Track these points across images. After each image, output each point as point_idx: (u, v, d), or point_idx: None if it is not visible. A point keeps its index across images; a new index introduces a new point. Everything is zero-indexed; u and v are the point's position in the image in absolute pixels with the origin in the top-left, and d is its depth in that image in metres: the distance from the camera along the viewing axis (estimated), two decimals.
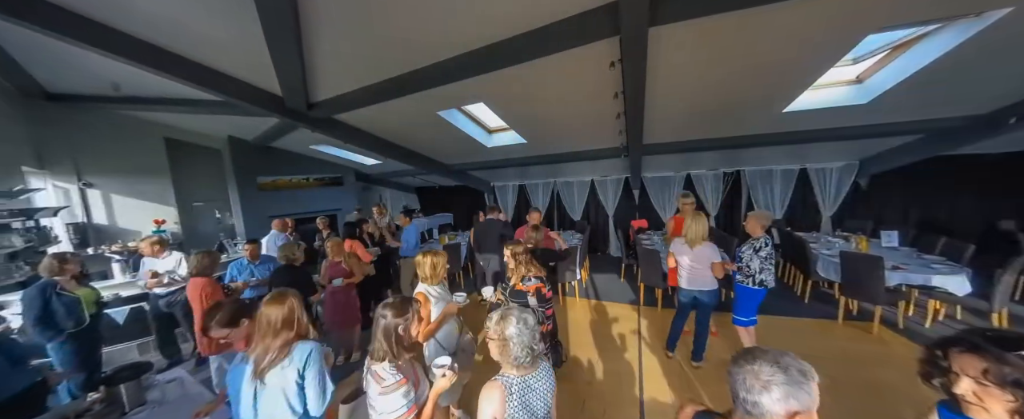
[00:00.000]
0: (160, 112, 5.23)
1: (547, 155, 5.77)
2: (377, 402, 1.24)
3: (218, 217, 6.67)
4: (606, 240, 7.28)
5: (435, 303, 2.01)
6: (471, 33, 2.54)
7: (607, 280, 5.46)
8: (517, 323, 1.22)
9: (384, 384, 1.23)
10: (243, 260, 3.48)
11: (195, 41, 2.84)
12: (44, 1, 2.32)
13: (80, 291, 2.64)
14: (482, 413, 1.19)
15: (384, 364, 1.27)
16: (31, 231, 4.01)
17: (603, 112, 3.77)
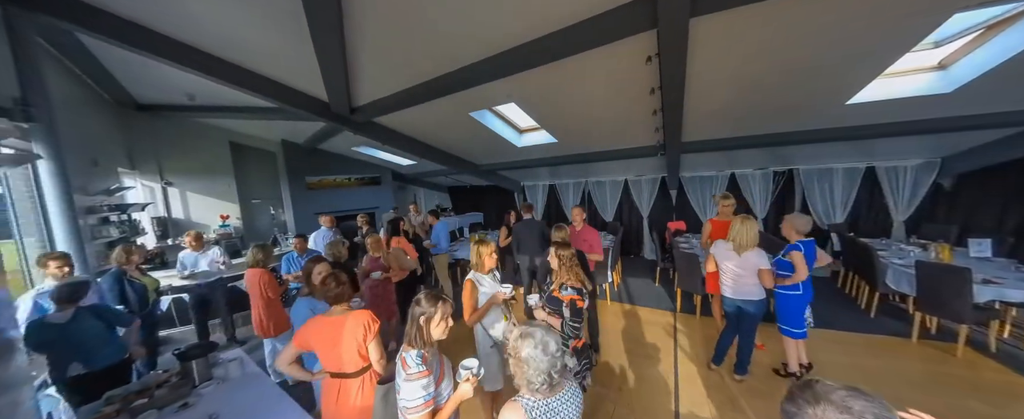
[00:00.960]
0: (226, 119, 5.88)
1: (578, 154, 5.67)
2: (401, 387, 1.29)
3: (272, 213, 7.31)
4: (640, 242, 7.01)
5: (482, 291, 2.09)
6: (505, 33, 2.56)
7: (641, 284, 5.26)
8: (535, 347, 1.13)
9: (408, 371, 1.27)
10: (293, 253, 3.79)
11: (255, 53, 3.15)
12: (137, 25, 2.69)
13: (145, 279, 3.02)
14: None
15: (413, 352, 1.31)
16: (124, 224, 4.65)
17: (638, 109, 3.63)
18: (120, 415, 1.74)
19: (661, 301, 4.55)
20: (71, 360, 2.03)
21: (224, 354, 2.26)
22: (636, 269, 6.06)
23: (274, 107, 4.31)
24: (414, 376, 1.26)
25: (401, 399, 1.28)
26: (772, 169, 5.64)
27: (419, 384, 1.26)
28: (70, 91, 4.09)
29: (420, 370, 1.27)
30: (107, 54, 3.88)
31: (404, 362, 1.30)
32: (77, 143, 3.74)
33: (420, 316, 1.35)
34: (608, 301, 4.59)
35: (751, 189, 5.79)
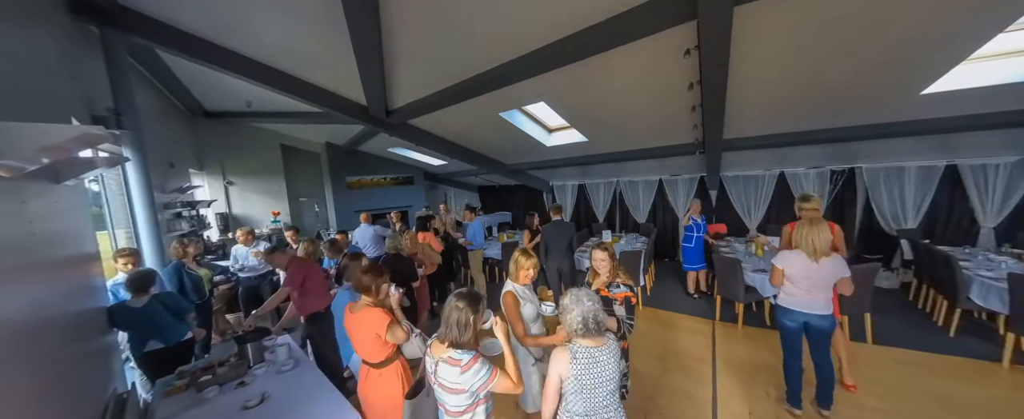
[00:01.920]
0: (278, 123, 6.42)
1: (610, 153, 5.52)
2: (460, 379, 1.30)
3: (317, 210, 7.86)
4: (675, 245, 6.67)
5: (523, 304, 1.99)
6: (535, 32, 2.55)
7: (676, 289, 5.00)
8: (572, 297, 1.43)
9: (462, 363, 1.30)
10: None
11: (303, 62, 3.41)
12: (205, 41, 3.01)
13: (201, 271, 3.34)
14: (550, 372, 1.39)
15: (453, 350, 1.34)
16: (193, 219, 5.22)
17: (675, 105, 3.46)
18: (189, 388, 1.95)
19: (698, 308, 4.30)
20: (148, 338, 2.32)
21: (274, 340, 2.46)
22: (671, 273, 5.78)
23: (319, 111, 4.63)
24: (469, 362, 1.30)
25: (466, 390, 1.31)
26: (829, 168, 5.13)
27: (478, 365, 1.31)
28: (151, 101, 4.66)
29: (471, 355, 1.32)
30: (181, 68, 4.38)
31: (452, 360, 1.32)
32: (157, 147, 4.24)
33: (468, 320, 1.36)
34: (640, 305, 4.42)
35: (803, 190, 5.31)
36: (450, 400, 1.35)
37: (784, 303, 2.31)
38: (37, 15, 1.92)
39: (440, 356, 1.36)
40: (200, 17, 2.81)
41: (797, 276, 2.22)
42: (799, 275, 2.21)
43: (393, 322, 1.77)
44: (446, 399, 1.36)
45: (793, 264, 2.23)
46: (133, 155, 3.02)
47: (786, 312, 2.30)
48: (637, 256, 4.28)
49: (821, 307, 2.21)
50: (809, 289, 2.20)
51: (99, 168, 2.39)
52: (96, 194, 3.21)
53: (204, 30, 2.94)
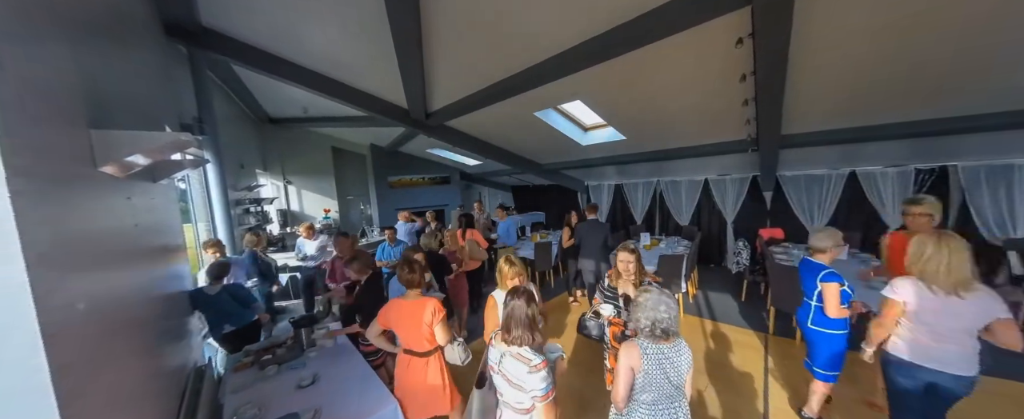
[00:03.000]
0: (329, 127, 6.96)
1: (650, 152, 5.28)
2: (525, 379, 1.34)
3: (362, 208, 8.40)
4: (722, 250, 6.21)
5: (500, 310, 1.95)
6: (574, 29, 2.51)
7: (723, 299, 4.66)
8: (653, 299, 1.46)
9: (532, 364, 1.34)
10: (385, 244, 4.35)
11: (352, 70, 3.67)
12: (270, 54, 3.35)
13: (268, 259, 3.69)
14: (621, 362, 1.43)
15: (525, 348, 1.39)
16: (258, 214, 5.84)
17: (724, 100, 3.22)
18: (253, 365, 2.19)
19: (749, 319, 3.96)
20: (221, 321, 2.63)
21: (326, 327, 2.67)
22: (717, 280, 5.39)
23: (365, 115, 4.94)
24: (538, 367, 1.34)
25: (528, 392, 1.35)
26: (913, 166, 4.46)
27: (543, 374, 1.34)
28: (226, 109, 5.27)
29: (541, 360, 1.36)
30: (250, 79, 4.91)
31: (522, 357, 1.38)
32: (230, 150, 4.79)
33: (534, 315, 1.43)
34: (682, 313, 4.18)
35: (879, 191, 4.67)
36: (512, 395, 1.38)
37: (902, 354, 1.62)
38: (142, 38, 2.26)
39: (506, 350, 1.40)
40: (267, 33, 3.14)
41: (924, 316, 1.55)
42: (927, 315, 1.54)
43: (446, 318, 1.86)
44: (508, 393, 1.40)
45: (918, 298, 1.55)
46: (212, 157, 3.44)
47: (905, 368, 1.60)
48: (678, 261, 4.05)
49: (962, 364, 1.52)
50: (942, 336, 1.53)
51: (186, 169, 2.75)
52: (182, 192, 3.70)
53: (270, 44, 3.28)
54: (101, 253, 1.14)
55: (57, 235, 0.87)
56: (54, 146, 0.94)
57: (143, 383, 1.31)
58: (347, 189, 8.30)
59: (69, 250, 0.93)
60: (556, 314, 4.33)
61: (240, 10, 2.87)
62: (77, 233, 0.99)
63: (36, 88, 0.89)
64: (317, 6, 2.65)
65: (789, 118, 3.38)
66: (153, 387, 1.41)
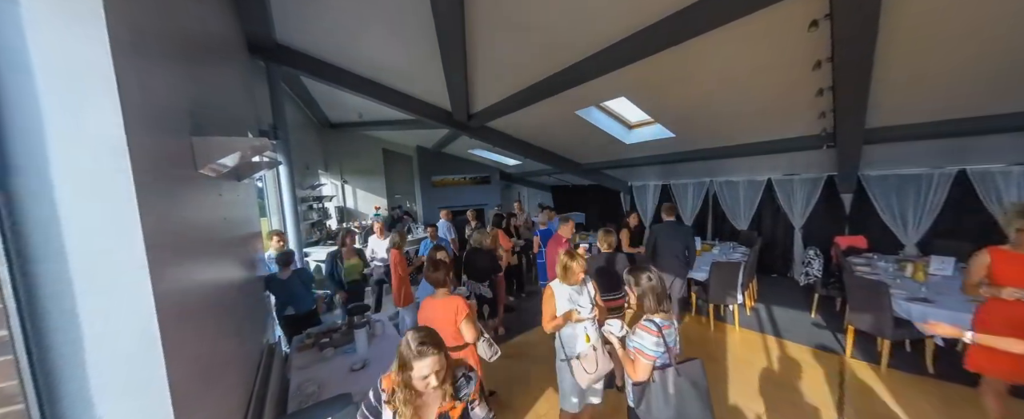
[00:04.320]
0: (380, 131, 7.48)
1: (702, 149, 4.90)
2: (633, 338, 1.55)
3: (408, 206, 8.91)
4: (787, 259, 5.57)
5: (563, 299, 1.96)
6: (617, 24, 2.42)
7: (788, 313, 4.18)
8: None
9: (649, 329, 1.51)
10: (427, 240, 4.57)
11: (400, 76, 3.91)
12: (333, 65, 3.68)
13: (351, 261, 3.96)
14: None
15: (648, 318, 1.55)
16: (318, 210, 6.47)
17: (793, 90, 2.89)
18: (312, 347, 2.42)
19: (819, 338, 3.51)
20: (287, 305, 2.95)
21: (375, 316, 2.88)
22: (781, 292, 4.86)
23: (412, 118, 5.23)
24: (652, 331, 1.48)
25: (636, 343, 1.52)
26: None
27: (652, 339, 1.47)
28: (294, 116, 5.89)
29: (656, 327, 1.48)
30: (314, 88, 5.43)
31: (644, 326, 1.53)
32: (297, 152, 5.35)
33: (651, 289, 1.57)
34: (737, 326, 3.82)
35: (997, 194, 3.85)
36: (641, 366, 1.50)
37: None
38: (231, 56, 2.61)
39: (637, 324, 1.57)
40: (329, 46, 3.46)
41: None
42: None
43: (470, 315, 1.91)
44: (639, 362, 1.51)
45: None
46: (284, 159, 3.87)
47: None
48: (733, 269, 3.71)
49: None
50: None
51: (263, 169, 3.12)
52: (260, 189, 4.21)
53: (332, 56, 3.62)
54: (198, 241, 1.34)
55: (166, 225, 1.04)
56: (166, 151, 1.12)
57: (229, 353, 1.51)
58: (395, 188, 8.87)
59: (175, 238, 1.10)
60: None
61: (308, 27, 3.20)
62: (181, 224, 1.18)
63: (153, 103, 1.07)
64: (372, 18, 2.85)
65: (876, 109, 2.92)
66: (236, 358, 1.63)
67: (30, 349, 0.76)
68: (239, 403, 1.55)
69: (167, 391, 0.89)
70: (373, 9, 2.75)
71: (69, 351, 0.80)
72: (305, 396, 1.86)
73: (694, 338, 3.68)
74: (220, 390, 1.32)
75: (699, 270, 3.99)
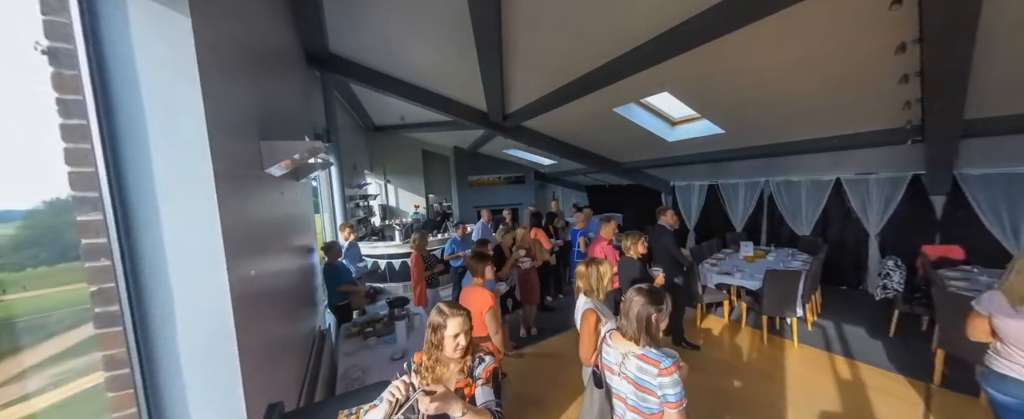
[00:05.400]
0: (420, 133, 7.82)
1: (756, 147, 4.50)
2: (656, 382, 1.23)
3: (446, 205, 9.24)
4: (860, 270, 4.92)
5: (604, 322, 1.72)
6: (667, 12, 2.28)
7: (859, 331, 3.69)
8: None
9: (662, 366, 1.22)
10: (457, 237, 4.67)
11: (439, 79, 4.06)
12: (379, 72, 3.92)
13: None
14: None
15: (650, 349, 1.28)
16: (364, 208, 6.93)
17: (868, 78, 2.55)
18: (358, 335, 2.60)
19: (899, 361, 3.05)
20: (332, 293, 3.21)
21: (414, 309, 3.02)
22: (850, 307, 4.31)
23: (449, 120, 5.40)
24: (668, 369, 1.21)
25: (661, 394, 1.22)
26: None
27: (671, 379, 1.20)
28: (343, 120, 6.36)
29: (671, 362, 1.22)
30: (361, 93, 5.83)
31: (647, 359, 1.26)
32: (346, 154, 5.77)
33: (649, 316, 1.27)
34: (796, 342, 3.45)
35: None
36: (636, 398, 1.27)
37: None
38: (292, 68, 2.89)
39: (629, 349, 1.30)
40: (377, 55, 3.70)
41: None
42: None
43: (494, 308, 1.98)
44: (630, 394, 1.29)
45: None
46: (335, 161, 4.20)
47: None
48: (792, 278, 3.36)
49: None
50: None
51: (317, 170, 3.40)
52: (314, 188, 4.60)
53: (379, 64, 3.86)
54: (264, 234, 1.50)
55: (239, 219, 1.17)
56: (239, 153, 1.27)
57: (287, 335, 1.67)
58: (433, 187, 9.24)
59: (245, 230, 1.24)
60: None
61: (357, 37, 3.44)
62: (250, 218, 1.32)
63: (230, 111, 1.21)
64: (414, 24, 2.99)
65: (977, 96, 2.48)
66: (293, 340, 1.80)
67: (135, 323, 0.90)
68: (295, 381, 1.71)
69: (237, 363, 1.01)
70: (415, 16, 2.88)
71: (164, 326, 0.94)
72: (351, 380, 2.00)
73: (745, 351, 3.40)
74: (279, 367, 1.47)
75: (752, 278, 3.67)
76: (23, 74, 0.85)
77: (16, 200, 1.47)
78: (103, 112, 0.85)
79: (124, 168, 0.89)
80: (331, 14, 3.02)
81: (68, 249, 1.07)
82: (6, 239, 1.66)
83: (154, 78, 0.91)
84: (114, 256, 0.86)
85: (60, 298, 1.60)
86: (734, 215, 6.25)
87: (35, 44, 0.81)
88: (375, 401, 1.18)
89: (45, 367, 1.59)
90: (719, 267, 4.14)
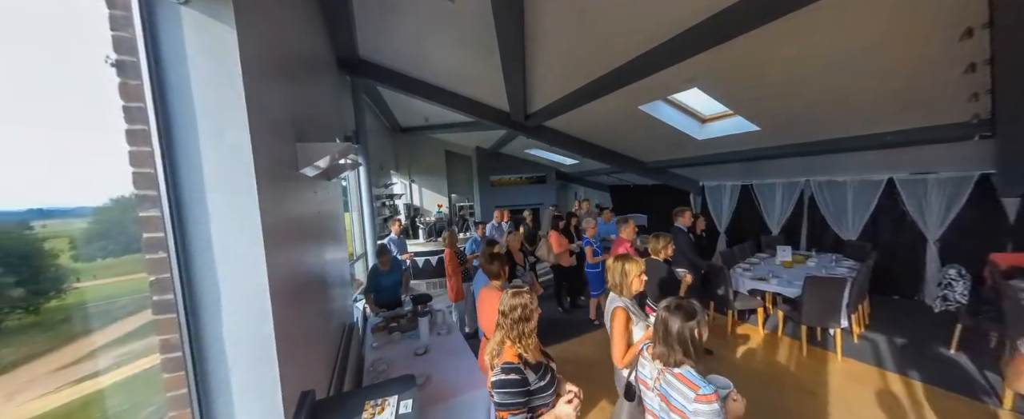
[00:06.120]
0: (443, 133, 7.97)
1: (795, 145, 4.22)
2: (691, 407, 1.14)
3: (468, 204, 9.37)
4: (916, 278, 4.50)
5: (635, 322, 1.71)
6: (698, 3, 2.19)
7: (916, 346, 3.38)
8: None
9: (702, 392, 1.13)
10: (476, 237, 4.73)
11: (462, 80, 4.12)
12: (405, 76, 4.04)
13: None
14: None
15: (688, 368, 1.19)
16: (389, 207, 7.17)
17: (928, 67, 2.33)
18: (384, 330, 2.70)
19: (963, 381, 2.76)
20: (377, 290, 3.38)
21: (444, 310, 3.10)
22: (904, 319, 3.95)
23: (472, 121, 5.46)
24: (708, 396, 1.11)
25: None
26: None
27: (711, 408, 1.09)
28: (371, 122, 6.60)
29: (711, 390, 1.12)
30: (388, 96, 6.03)
31: (683, 378, 1.17)
32: (374, 155, 5.99)
33: (692, 331, 1.19)
34: (839, 355, 3.21)
35: None
36: (663, 413, 1.22)
37: None
38: (325, 73, 3.04)
39: (668, 367, 1.22)
40: (403, 59, 3.82)
41: None
42: None
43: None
44: (658, 410, 1.25)
45: None
46: (363, 161, 4.37)
47: None
48: (836, 286, 3.13)
49: None
50: None
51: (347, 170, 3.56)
52: (344, 188, 4.81)
53: (405, 68, 3.98)
54: (298, 231, 1.59)
55: (277, 217, 1.25)
56: (277, 155, 1.35)
57: (319, 327, 1.76)
58: (455, 187, 9.41)
59: (283, 227, 1.32)
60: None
61: (385, 42, 3.56)
62: (286, 216, 1.41)
63: (270, 116, 1.30)
64: (438, 27, 3.06)
65: None
66: (325, 332, 1.89)
67: (187, 310, 0.98)
68: (326, 371, 1.80)
69: (274, 351, 1.08)
70: (439, 19, 2.94)
71: (211, 313, 1.02)
72: (377, 373, 2.08)
73: (782, 363, 3.19)
74: (311, 357, 1.55)
75: (789, 285, 3.45)
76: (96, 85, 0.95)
77: (89, 198, 1.64)
78: (161, 118, 0.94)
79: (178, 169, 0.97)
80: (361, 21, 3.15)
81: (131, 242, 1.18)
82: (80, 233, 1.86)
83: (204, 87, 0.98)
84: (169, 249, 0.95)
85: (124, 286, 1.77)
86: (770, 217, 5.90)
87: (106, 57, 0.91)
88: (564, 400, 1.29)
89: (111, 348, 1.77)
90: (753, 272, 3.93)
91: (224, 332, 1.03)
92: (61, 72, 1.16)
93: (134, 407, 1.65)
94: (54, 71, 1.14)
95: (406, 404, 1.26)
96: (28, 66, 1.11)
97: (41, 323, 1.71)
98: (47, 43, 1.06)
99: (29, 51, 1.06)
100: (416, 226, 6.95)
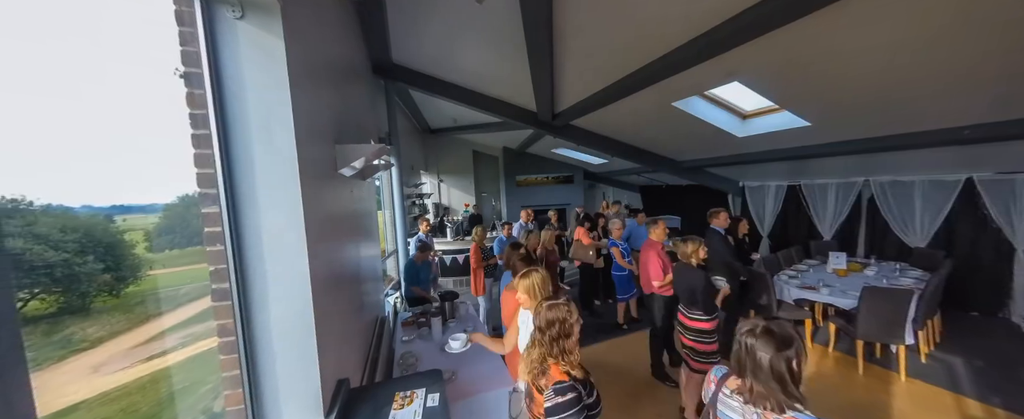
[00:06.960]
0: (471, 134, 8.10)
1: (852, 141, 3.84)
2: None
3: (493, 204, 9.47)
4: (1001, 293, 3.94)
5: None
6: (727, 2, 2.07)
7: (997, 369, 2.96)
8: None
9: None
10: (502, 236, 4.77)
11: (490, 81, 4.16)
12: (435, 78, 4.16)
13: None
14: None
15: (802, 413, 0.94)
16: (419, 206, 7.41)
17: (1013, 52, 2.02)
18: (414, 323, 2.79)
19: None
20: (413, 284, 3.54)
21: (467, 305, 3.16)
22: (983, 338, 3.49)
23: (499, 121, 5.51)
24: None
25: None
26: None
27: None
28: (403, 124, 6.85)
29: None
30: (418, 99, 6.22)
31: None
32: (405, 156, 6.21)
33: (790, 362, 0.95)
34: (903, 375, 2.88)
35: None
36: None
37: None
38: (361, 78, 3.19)
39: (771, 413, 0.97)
40: (433, 62, 3.92)
41: None
42: None
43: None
44: None
45: None
46: (395, 162, 4.55)
47: None
48: (901, 298, 2.82)
49: None
50: None
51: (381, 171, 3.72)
52: (377, 187, 5.04)
53: (436, 71, 4.10)
54: (336, 227, 1.68)
55: (318, 215, 1.33)
56: (318, 157, 1.44)
57: (353, 320, 1.86)
58: (483, 187, 9.53)
59: (322, 224, 1.40)
60: None
61: (416, 46, 3.68)
62: (326, 213, 1.49)
63: (312, 121, 1.38)
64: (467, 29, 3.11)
65: None
66: (359, 325, 1.99)
67: (240, 298, 1.07)
68: (359, 362, 1.89)
69: (314, 340, 1.15)
70: (468, 22, 2.99)
71: (259, 302, 1.11)
72: (406, 366, 2.15)
73: (835, 381, 2.93)
74: (347, 348, 1.64)
75: (844, 296, 3.16)
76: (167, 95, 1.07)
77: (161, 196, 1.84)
78: (220, 123, 1.03)
79: (234, 170, 1.07)
80: (395, 27, 3.28)
81: (193, 235, 1.31)
82: (153, 226, 2.09)
83: (256, 94, 1.07)
84: (226, 242, 1.04)
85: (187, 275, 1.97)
86: (821, 221, 5.42)
87: (175, 69, 1.01)
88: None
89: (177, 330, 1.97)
90: (800, 280, 3.64)
91: (271, 320, 1.12)
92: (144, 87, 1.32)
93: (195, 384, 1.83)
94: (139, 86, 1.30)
95: (434, 398, 1.30)
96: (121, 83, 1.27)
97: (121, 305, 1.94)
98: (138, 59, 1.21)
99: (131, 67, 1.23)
100: (444, 225, 7.13)
